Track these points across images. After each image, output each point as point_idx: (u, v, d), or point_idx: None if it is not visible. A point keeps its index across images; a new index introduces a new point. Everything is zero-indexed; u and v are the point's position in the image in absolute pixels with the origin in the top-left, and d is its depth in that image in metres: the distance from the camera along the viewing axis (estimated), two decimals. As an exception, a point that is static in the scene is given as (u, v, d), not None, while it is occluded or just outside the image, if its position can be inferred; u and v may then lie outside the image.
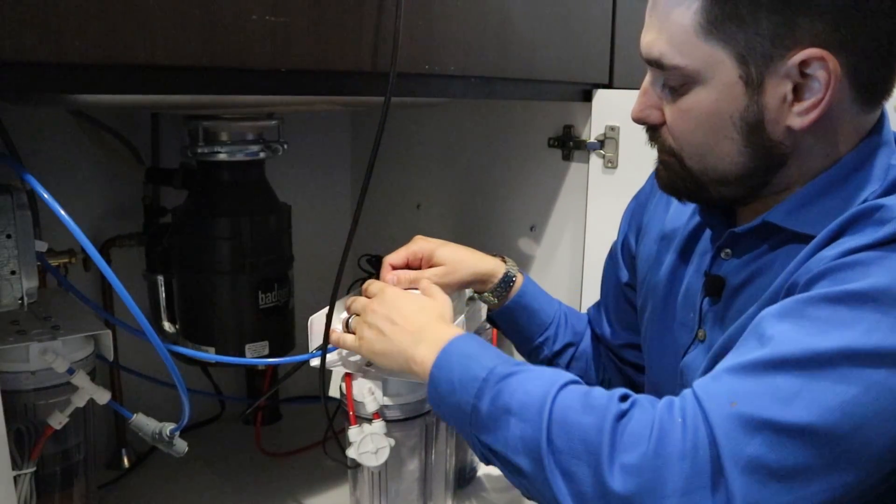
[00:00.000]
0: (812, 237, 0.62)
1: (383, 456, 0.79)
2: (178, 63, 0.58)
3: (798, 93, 0.61)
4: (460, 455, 1.06)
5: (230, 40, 0.60)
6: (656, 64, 0.65)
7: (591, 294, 0.98)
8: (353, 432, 0.79)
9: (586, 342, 0.95)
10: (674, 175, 0.70)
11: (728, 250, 0.71)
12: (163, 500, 1.02)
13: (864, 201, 0.61)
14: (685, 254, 0.79)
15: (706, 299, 0.73)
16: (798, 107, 0.61)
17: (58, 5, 0.51)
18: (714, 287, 0.72)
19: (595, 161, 1.01)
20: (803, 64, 0.59)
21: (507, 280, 0.91)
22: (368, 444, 0.79)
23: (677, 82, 0.64)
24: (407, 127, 1.29)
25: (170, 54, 0.57)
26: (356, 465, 0.79)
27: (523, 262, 1.14)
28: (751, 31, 0.60)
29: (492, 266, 0.91)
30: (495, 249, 1.17)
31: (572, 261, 1.07)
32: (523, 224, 1.14)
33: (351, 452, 0.79)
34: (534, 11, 0.87)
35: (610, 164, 1.00)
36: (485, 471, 1.13)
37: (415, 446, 0.85)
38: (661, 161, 0.71)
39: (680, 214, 0.81)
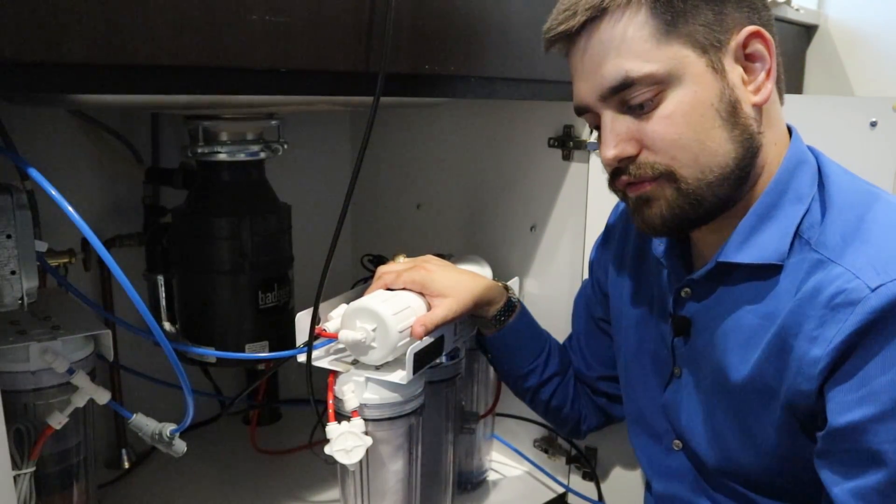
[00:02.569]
0: (763, 265, 0.67)
1: (357, 455, 0.79)
2: (178, 63, 0.58)
3: (748, 72, 0.66)
4: (466, 459, 1.06)
5: (230, 40, 0.60)
6: (622, 85, 0.65)
7: (591, 294, 0.98)
8: (331, 429, 0.79)
9: (570, 374, 0.96)
10: (668, 204, 0.67)
11: (688, 289, 0.74)
12: (163, 500, 1.02)
13: (801, 223, 0.66)
14: (651, 291, 0.81)
15: (676, 339, 0.76)
16: (752, 84, 0.66)
17: (58, 5, 0.51)
18: (682, 328, 0.75)
19: (595, 161, 1.01)
20: (745, 44, 0.65)
21: (509, 307, 0.90)
22: (344, 441, 0.79)
23: (650, 94, 0.64)
24: (407, 127, 1.29)
25: (170, 54, 0.57)
26: (333, 462, 0.80)
27: (523, 262, 1.14)
28: (697, 24, 0.64)
29: (495, 292, 0.89)
30: (495, 249, 1.18)
31: (572, 261, 1.07)
32: (523, 224, 1.14)
33: (327, 449, 0.79)
34: (534, 11, 0.87)
35: (610, 164, 1.00)
36: (494, 476, 1.13)
37: (399, 447, 0.85)
38: (648, 197, 0.68)
39: (643, 253, 0.83)
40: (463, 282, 0.86)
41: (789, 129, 0.71)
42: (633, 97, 0.65)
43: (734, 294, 0.70)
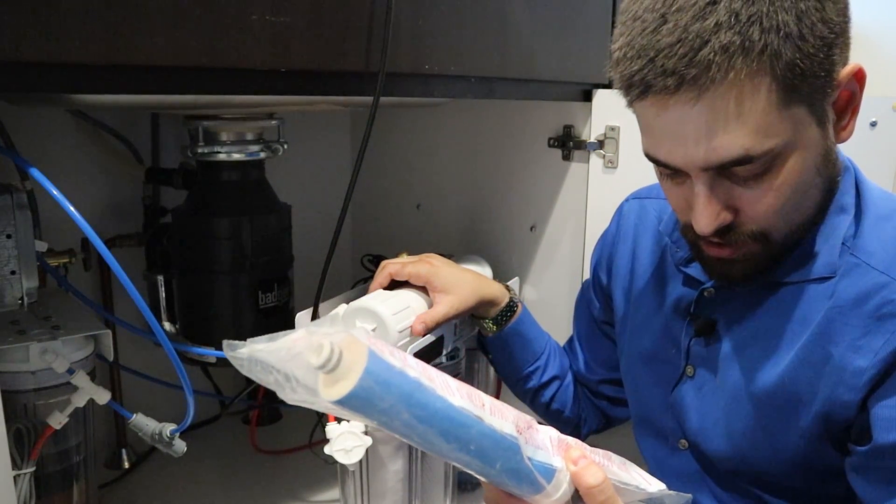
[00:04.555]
0: (802, 281, 0.65)
1: (357, 455, 0.79)
2: (178, 63, 0.58)
3: (839, 112, 0.61)
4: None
5: (230, 40, 0.60)
6: (737, 163, 0.57)
7: (591, 294, 0.98)
8: (331, 429, 0.79)
9: (570, 377, 0.96)
10: (752, 262, 0.65)
11: (711, 290, 0.73)
12: (163, 500, 1.02)
13: (844, 237, 0.65)
14: (659, 292, 0.80)
15: (695, 339, 0.75)
16: (842, 122, 0.62)
17: (58, 5, 0.51)
18: (705, 328, 0.73)
19: (595, 161, 1.01)
20: (845, 83, 0.60)
21: (511, 308, 0.89)
22: (344, 441, 0.79)
23: (762, 169, 0.58)
24: (407, 127, 1.29)
25: (170, 54, 0.57)
26: (334, 462, 0.80)
27: (523, 262, 1.15)
28: (816, 79, 0.57)
29: (497, 292, 0.88)
30: (495, 249, 1.18)
31: (572, 261, 1.07)
32: (523, 224, 1.14)
33: (327, 449, 0.79)
34: (534, 11, 0.87)
35: (610, 164, 1.00)
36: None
37: (399, 447, 0.85)
38: (735, 258, 0.65)
39: (649, 253, 0.83)
40: (466, 279, 0.85)
41: None
42: (741, 171, 0.59)
43: (767, 298, 0.69)
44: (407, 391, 0.48)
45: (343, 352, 0.47)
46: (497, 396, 1.08)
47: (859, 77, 0.60)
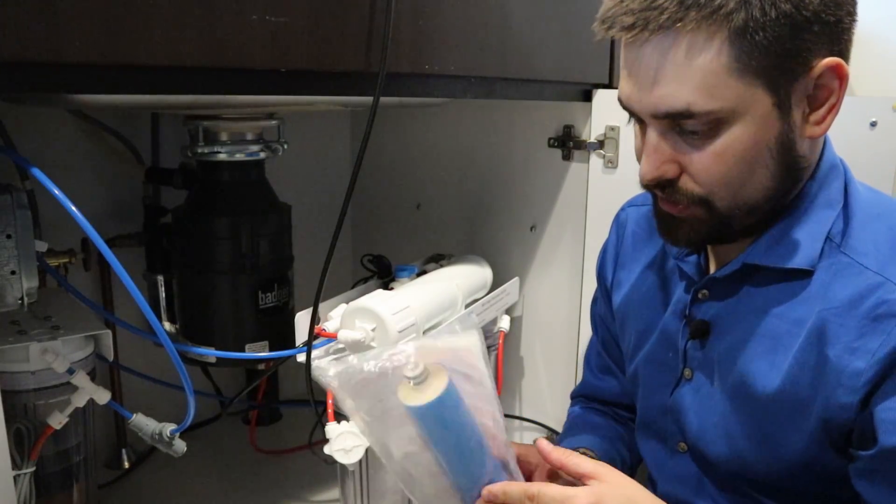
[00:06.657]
0: (791, 269, 0.66)
1: (357, 455, 0.79)
2: (178, 63, 0.58)
3: (812, 105, 0.62)
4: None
5: (230, 40, 0.60)
6: (680, 115, 0.60)
7: (591, 294, 0.97)
8: (330, 429, 0.79)
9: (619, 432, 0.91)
10: (697, 226, 0.67)
11: (706, 291, 0.73)
12: (163, 500, 1.02)
13: (830, 229, 0.65)
14: (658, 296, 0.80)
15: (691, 342, 0.74)
16: (815, 116, 0.62)
17: (58, 5, 0.51)
18: (700, 331, 0.73)
19: (595, 161, 1.01)
20: (820, 75, 0.60)
21: None
22: (343, 441, 0.79)
23: (706, 127, 0.60)
24: (407, 127, 1.29)
25: (170, 54, 0.57)
26: (333, 462, 0.80)
27: (523, 262, 1.14)
28: (775, 56, 0.58)
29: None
30: (495, 249, 1.18)
31: (572, 261, 1.07)
32: (523, 224, 1.14)
33: (327, 449, 0.79)
34: (534, 11, 0.87)
35: (610, 164, 1.00)
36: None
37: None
38: (679, 218, 0.67)
39: (648, 259, 0.83)
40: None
41: None
42: (687, 126, 0.61)
43: (759, 297, 0.68)
44: (463, 427, 0.64)
45: (430, 374, 0.62)
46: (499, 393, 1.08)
47: (839, 73, 0.60)
